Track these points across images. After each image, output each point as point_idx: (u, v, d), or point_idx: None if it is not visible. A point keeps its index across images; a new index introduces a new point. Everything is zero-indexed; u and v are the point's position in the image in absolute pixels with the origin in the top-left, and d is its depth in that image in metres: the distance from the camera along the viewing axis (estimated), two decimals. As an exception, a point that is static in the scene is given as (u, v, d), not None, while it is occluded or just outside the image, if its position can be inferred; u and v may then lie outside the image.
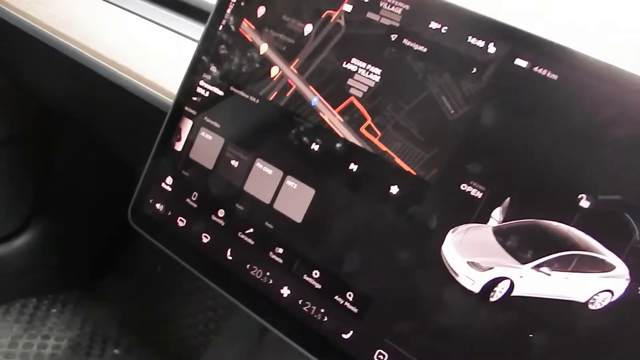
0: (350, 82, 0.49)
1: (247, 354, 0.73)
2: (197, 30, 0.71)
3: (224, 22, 0.55)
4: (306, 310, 0.49)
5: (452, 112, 0.45)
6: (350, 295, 0.48)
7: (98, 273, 1.18)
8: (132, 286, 1.17)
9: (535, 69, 0.42)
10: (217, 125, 0.55)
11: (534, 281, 0.42)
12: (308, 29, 0.51)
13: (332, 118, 0.49)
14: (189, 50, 0.58)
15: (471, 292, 0.43)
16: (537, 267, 0.42)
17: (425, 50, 0.46)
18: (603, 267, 0.40)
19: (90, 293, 1.13)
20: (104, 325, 1.04)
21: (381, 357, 0.46)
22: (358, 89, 0.48)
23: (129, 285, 1.17)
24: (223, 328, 0.87)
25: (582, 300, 0.40)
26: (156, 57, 0.73)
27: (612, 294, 0.40)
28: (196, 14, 0.75)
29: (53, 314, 1.08)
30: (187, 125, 0.56)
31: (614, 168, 0.40)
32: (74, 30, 0.78)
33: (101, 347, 1.00)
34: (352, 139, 0.48)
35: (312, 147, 0.50)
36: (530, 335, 0.41)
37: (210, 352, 0.84)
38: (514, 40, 0.43)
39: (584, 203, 0.40)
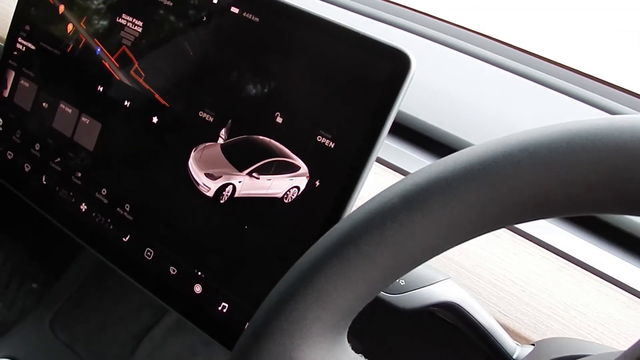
0: (122, 33, 0.59)
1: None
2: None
3: (33, -13, 0.66)
4: (98, 221, 0.61)
5: (191, 53, 0.56)
6: (127, 207, 0.59)
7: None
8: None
9: (244, 14, 0.53)
10: (32, 74, 0.65)
11: (249, 184, 0.53)
12: (92, -10, 0.62)
13: (111, 64, 0.60)
14: None
15: (208, 197, 0.55)
16: (250, 173, 0.53)
17: (171, 3, 0.57)
18: (292, 169, 0.51)
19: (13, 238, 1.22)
20: (24, 263, 1.14)
21: (149, 253, 0.57)
22: (128, 39, 0.59)
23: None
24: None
25: (279, 196, 0.52)
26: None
27: (299, 189, 0.51)
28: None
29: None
30: (11, 76, 0.67)
31: (300, 90, 0.50)
32: None
33: (20, 282, 1.09)
34: (125, 80, 0.59)
35: (98, 89, 0.61)
36: (246, 227, 0.53)
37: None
38: (230, -8, 0.54)
39: (279, 119, 0.52)
